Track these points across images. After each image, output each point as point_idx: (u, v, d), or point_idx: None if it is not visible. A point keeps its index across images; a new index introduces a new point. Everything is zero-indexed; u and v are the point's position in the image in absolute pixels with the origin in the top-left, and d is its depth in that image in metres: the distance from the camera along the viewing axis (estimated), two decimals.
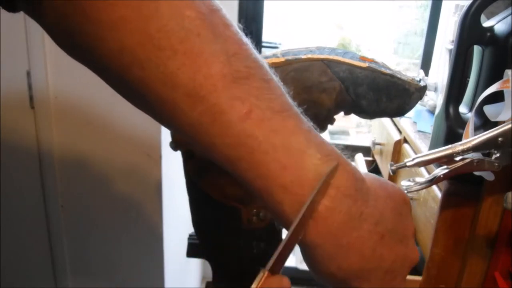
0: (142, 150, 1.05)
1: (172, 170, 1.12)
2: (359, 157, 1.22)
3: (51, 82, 1.00)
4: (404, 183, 0.57)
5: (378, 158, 1.16)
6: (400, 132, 0.97)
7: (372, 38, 2.15)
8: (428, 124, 0.88)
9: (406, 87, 0.53)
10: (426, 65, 1.32)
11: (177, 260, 1.29)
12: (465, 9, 0.56)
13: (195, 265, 1.66)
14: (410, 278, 0.71)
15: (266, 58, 0.53)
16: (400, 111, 0.57)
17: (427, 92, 0.93)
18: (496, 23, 0.58)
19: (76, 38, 0.27)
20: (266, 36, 1.50)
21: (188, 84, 0.26)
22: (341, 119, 0.59)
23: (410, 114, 0.93)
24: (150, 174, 1.07)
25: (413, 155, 0.54)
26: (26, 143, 1.04)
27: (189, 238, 0.67)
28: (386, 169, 1.04)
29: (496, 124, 0.47)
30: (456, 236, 0.62)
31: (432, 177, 0.53)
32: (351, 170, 0.29)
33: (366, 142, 1.57)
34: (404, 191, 0.33)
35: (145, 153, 1.05)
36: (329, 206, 0.27)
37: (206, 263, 0.74)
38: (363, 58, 0.54)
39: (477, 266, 0.61)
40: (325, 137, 0.29)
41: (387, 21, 2.04)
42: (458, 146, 0.46)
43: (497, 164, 0.47)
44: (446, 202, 0.61)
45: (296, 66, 0.52)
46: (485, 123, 0.55)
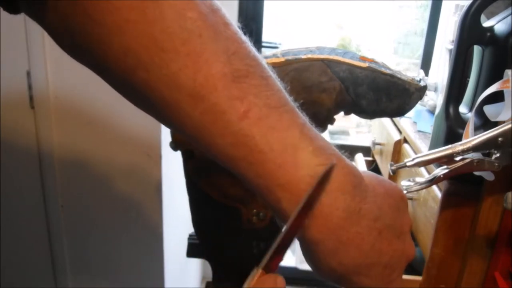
0: (142, 150, 1.05)
1: (172, 170, 1.12)
2: (359, 157, 1.22)
3: (51, 82, 1.00)
4: (404, 183, 0.57)
5: (378, 158, 1.16)
6: (400, 132, 0.97)
7: (372, 38, 2.15)
8: (428, 124, 0.88)
9: (406, 87, 0.53)
10: (426, 65, 1.32)
11: (177, 260, 1.29)
12: (465, 9, 0.56)
13: (195, 265, 1.66)
14: (410, 278, 0.71)
15: (266, 58, 0.53)
16: (400, 111, 0.57)
17: (427, 92, 0.93)
18: (496, 23, 0.58)
19: (79, 40, 0.27)
20: (266, 36, 1.50)
21: (189, 84, 0.26)
22: (341, 119, 0.59)
23: (410, 114, 0.93)
24: (150, 174, 1.07)
25: (413, 155, 0.54)
26: (26, 143, 1.04)
27: (189, 238, 0.67)
28: (386, 169, 1.04)
29: (496, 124, 0.47)
30: (456, 236, 0.62)
31: (432, 177, 0.53)
32: (349, 166, 0.29)
33: (366, 142, 1.57)
34: (401, 188, 0.34)
35: (145, 153, 1.05)
36: (327, 202, 0.28)
37: (206, 263, 0.74)
38: (363, 58, 0.54)
39: (477, 266, 0.61)
40: (325, 137, 0.30)
41: (387, 21, 2.04)
42: (458, 146, 0.46)
43: (497, 164, 0.47)
44: (446, 202, 0.61)
45: (296, 66, 0.52)
46: (485, 123, 0.55)
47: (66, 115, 1.03)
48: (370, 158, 1.26)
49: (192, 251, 0.67)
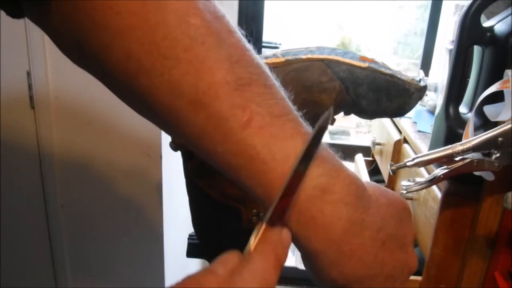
0: (142, 150, 1.05)
1: (172, 170, 1.12)
2: (359, 157, 1.22)
3: (51, 82, 1.00)
4: (404, 183, 0.57)
5: (378, 158, 1.16)
6: (400, 132, 0.97)
7: (372, 38, 2.15)
8: (428, 124, 0.88)
9: (406, 87, 0.53)
10: (426, 65, 1.32)
11: (177, 260, 1.29)
12: (465, 9, 0.56)
13: (195, 265, 1.66)
14: (410, 278, 0.71)
15: (266, 58, 0.53)
16: (400, 111, 0.57)
17: (427, 92, 0.93)
18: (496, 23, 0.58)
19: (82, 45, 0.27)
20: (266, 36, 1.50)
21: (191, 92, 0.26)
22: (341, 119, 0.59)
23: (410, 114, 0.93)
24: (150, 174, 1.07)
25: (413, 155, 0.54)
26: (26, 143, 1.04)
27: (189, 238, 0.67)
28: (386, 169, 1.04)
29: (496, 124, 0.47)
30: (456, 236, 0.62)
31: (432, 177, 0.53)
32: (351, 176, 0.29)
33: (366, 142, 1.57)
34: (404, 199, 0.33)
35: (145, 153, 1.05)
36: (329, 213, 0.27)
37: (206, 263, 0.74)
38: (363, 58, 0.54)
39: (477, 266, 0.61)
40: (325, 137, 0.29)
41: (387, 21, 2.04)
42: (458, 146, 0.46)
43: (497, 164, 0.47)
44: (446, 202, 0.61)
45: (296, 66, 0.52)
46: (485, 123, 0.55)
47: (66, 115, 1.03)
48: (370, 158, 1.26)
49: (192, 251, 0.67)
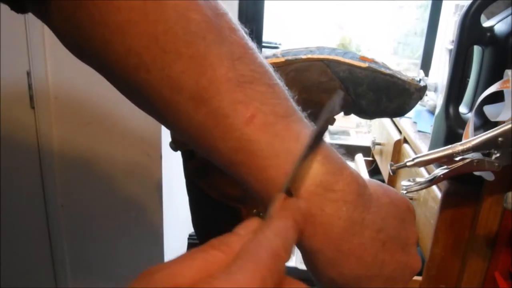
0: (142, 150, 1.05)
1: (172, 170, 1.12)
2: (359, 157, 1.22)
3: (51, 82, 1.00)
4: (404, 183, 0.57)
5: (378, 158, 1.16)
6: (400, 132, 0.97)
7: (372, 38, 2.15)
8: (428, 124, 0.88)
9: (406, 87, 0.53)
10: (426, 65, 1.32)
11: None
12: (465, 9, 0.56)
13: None
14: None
15: (266, 58, 0.53)
16: (400, 111, 0.57)
17: (427, 92, 0.93)
18: (496, 23, 0.58)
19: (82, 40, 0.27)
20: (266, 36, 1.50)
21: (192, 87, 0.26)
22: (341, 119, 0.59)
23: (410, 114, 0.93)
24: (150, 174, 1.07)
25: (413, 155, 0.54)
26: (26, 143, 1.04)
27: (189, 238, 0.67)
28: (386, 169, 1.04)
29: (496, 124, 0.47)
30: (456, 236, 0.62)
31: (432, 177, 0.53)
32: (353, 175, 0.29)
33: (366, 142, 1.57)
34: (408, 199, 0.33)
35: (145, 153, 1.05)
36: (329, 212, 0.27)
37: None
38: (363, 58, 0.54)
39: (477, 266, 0.61)
40: (325, 137, 0.29)
41: (387, 21, 2.04)
42: (458, 146, 0.46)
43: (497, 164, 0.47)
44: (446, 202, 0.61)
45: (296, 66, 0.52)
46: (485, 123, 0.55)
47: (66, 115, 1.03)
48: (370, 158, 1.26)
49: None
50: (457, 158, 0.48)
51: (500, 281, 0.58)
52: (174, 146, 0.58)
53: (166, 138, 1.01)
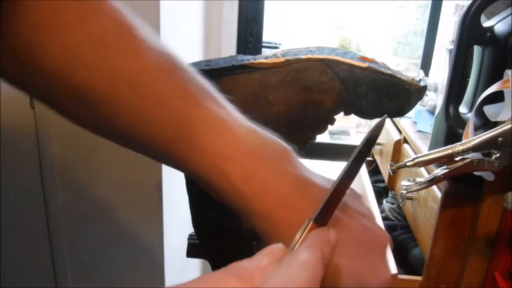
0: None
1: (172, 170, 1.11)
2: None
3: None
4: (404, 183, 0.57)
5: (378, 158, 1.16)
6: (400, 132, 0.97)
7: (372, 38, 2.15)
8: (428, 124, 0.88)
9: (406, 87, 0.53)
10: (426, 65, 1.32)
11: (177, 260, 1.29)
12: (465, 9, 0.56)
13: (195, 265, 1.66)
14: (410, 278, 0.71)
15: (266, 58, 0.53)
16: (400, 111, 0.57)
17: (427, 92, 0.93)
18: (496, 23, 0.58)
19: (22, 54, 0.30)
20: (266, 36, 1.50)
21: (126, 73, 0.29)
22: (341, 119, 0.59)
23: (410, 114, 0.93)
24: (150, 174, 1.07)
25: (413, 155, 0.54)
26: (26, 143, 1.04)
27: (189, 238, 0.67)
28: (386, 169, 1.04)
29: (496, 124, 0.47)
30: (456, 236, 0.62)
31: (432, 177, 0.53)
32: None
33: None
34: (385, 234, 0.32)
35: None
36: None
37: (206, 263, 0.74)
38: (363, 58, 0.54)
39: (477, 266, 0.61)
40: (325, 137, 0.30)
41: (387, 21, 2.04)
42: (458, 146, 0.46)
43: (497, 164, 0.47)
44: (446, 202, 0.61)
45: (296, 66, 0.52)
46: (485, 123, 0.55)
47: None
48: (370, 158, 1.25)
49: (192, 251, 0.67)
50: (457, 158, 0.48)
51: (500, 281, 0.58)
52: None
53: None
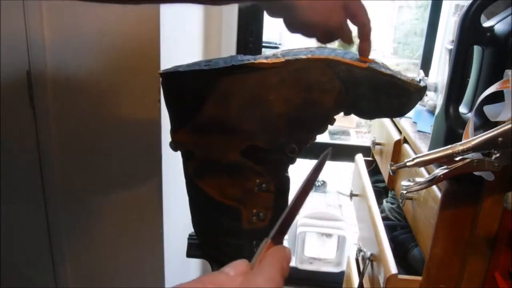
0: (142, 150, 1.05)
1: (172, 170, 1.12)
2: (359, 157, 1.22)
3: (51, 82, 1.00)
4: (404, 183, 0.57)
5: (378, 158, 1.16)
6: (400, 132, 0.97)
7: (372, 38, 2.15)
8: (428, 124, 0.88)
9: (406, 88, 0.53)
10: (426, 65, 1.32)
11: (177, 260, 1.29)
12: (465, 9, 0.56)
13: (195, 265, 1.66)
14: (410, 278, 0.71)
15: (266, 58, 0.53)
16: (400, 112, 0.57)
17: (427, 92, 0.93)
18: (496, 23, 0.58)
19: None
20: (266, 36, 1.50)
21: None
22: (341, 119, 0.59)
23: (410, 114, 0.93)
24: (150, 174, 1.07)
25: (413, 155, 0.54)
26: (26, 143, 1.04)
27: (189, 238, 0.67)
28: (386, 169, 1.04)
29: (496, 124, 0.47)
30: (456, 236, 0.62)
31: (432, 177, 0.53)
32: None
33: (366, 142, 1.57)
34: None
35: (145, 153, 1.05)
36: None
37: (206, 263, 0.74)
38: (363, 59, 0.54)
39: (477, 266, 0.61)
40: (325, 137, 0.30)
41: (387, 21, 2.04)
42: (458, 146, 0.46)
43: (497, 164, 0.47)
44: (446, 202, 0.61)
45: (296, 66, 0.52)
46: (485, 123, 0.55)
47: (66, 115, 1.03)
48: (370, 158, 1.26)
49: (192, 251, 0.67)
50: (457, 158, 0.48)
51: (500, 281, 0.58)
52: (174, 146, 0.58)
53: (166, 138, 1.01)
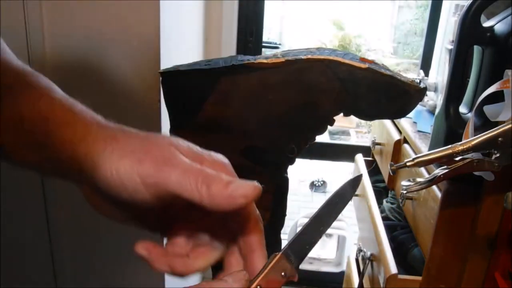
0: None
1: None
2: (359, 157, 1.22)
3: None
4: (404, 183, 0.57)
5: (378, 158, 1.16)
6: (400, 132, 0.97)
7: (372, 39, 2.15)
8: (428, 124, 0.88)
9: (406, 89, 0.53)
10: (426, 65, 1.32)
11: None
12: (465, 9, 0.56)
13: None
14: (410, 278, 0.71)
15: (266, 58, 0.53)
16: (399, 113, 0.57)
17: (427, 92, 0.93)
18: (496, 23, 0.58)
19: None
20: (266, 36, 1.50)
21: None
22: (341, 119, 0.59)
23: (410, 114, 0.93)
24: None
25: (413, 155, 0.54)
26: None
27: None
28: (386, 169, 1.04)
29: (496, 124, 0.47)
30: (456, 236, 0.62)
31: (432, 177, 0.53)
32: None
33: (366, 142, 1.57)
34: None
35: None
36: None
37: None
38: (363, 59, 0.54)
39: (477, 266, 0.61)
40: (325, 137, 0.30)
41: (387, 21, 2.04)
42: (458, 146, 0.46)
43: (497, 164, 0.47)
44: (446, 202, 0.61)
45: (296, 67, 0.52)
46: (485, 123, 0.55)
47: None
48: (370, 158, 1.26)
49: None
50: (457, 158, 0.48)
51: (500, 281, 0.58)
52: None
53: None
